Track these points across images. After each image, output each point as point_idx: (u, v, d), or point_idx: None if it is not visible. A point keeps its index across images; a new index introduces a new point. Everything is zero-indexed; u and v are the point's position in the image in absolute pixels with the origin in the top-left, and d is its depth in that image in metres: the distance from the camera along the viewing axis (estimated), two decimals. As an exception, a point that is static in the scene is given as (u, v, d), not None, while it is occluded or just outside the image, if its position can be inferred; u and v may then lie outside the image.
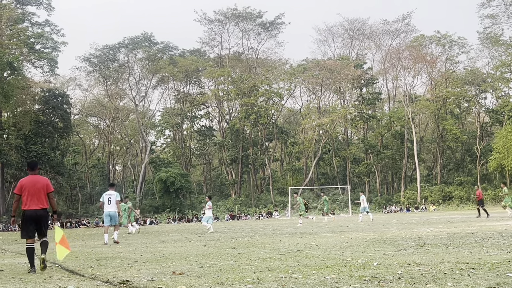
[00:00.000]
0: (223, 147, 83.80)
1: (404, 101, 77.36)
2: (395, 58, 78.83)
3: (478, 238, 14.42)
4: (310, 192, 75.86)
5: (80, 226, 56.46)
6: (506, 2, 70.01)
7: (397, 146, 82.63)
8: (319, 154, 79.42)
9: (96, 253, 14.93)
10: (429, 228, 21.38)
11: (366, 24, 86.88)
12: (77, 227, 55.75)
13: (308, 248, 13.27)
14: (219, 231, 26.73)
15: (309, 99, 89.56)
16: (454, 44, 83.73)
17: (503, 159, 67.53)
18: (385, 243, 13.96)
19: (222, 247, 14.91)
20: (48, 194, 10.87)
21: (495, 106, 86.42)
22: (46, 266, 10.16)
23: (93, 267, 10.69)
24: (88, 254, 14.46)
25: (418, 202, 71.12)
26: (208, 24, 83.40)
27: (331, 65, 78.59)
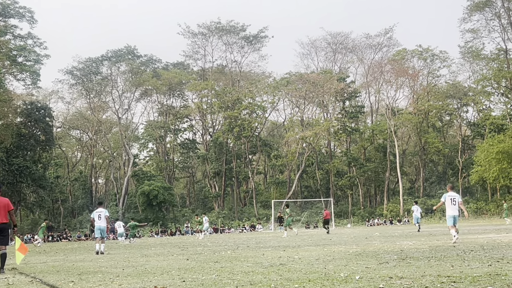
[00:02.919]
0: (206, 160, 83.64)
1: (387, 114, 77.84)
2: (377, 72, 79.37)
3: (460, 251, 14.50)
4: (293, 205, 75.86)
5: (61, 239, 55.98)
6: (487, 17, 70.90)
7: (379, 159, 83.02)
8: (302, 167, 79.52)
9: (77, 267, 14.81)
10: (412, 241, 21.47)
11: (348, 38, 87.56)
12: (58, 240, 55.28)
13: (291, 262, 13.27)
14: (202, 245, 26.64)
15: (293, 112, 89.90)
16: (436, 58, 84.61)
17: (485, 172, 68.01)
18: (367, 256, 13.99)
19: (205, 261, 14.86)
20: (9, 211, 13.32)
21: (476, 119, 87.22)
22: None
23: (74, 282, 10.61)
24: (69, 269, 14.35)
25: (400, 215, 71.36)
26: (192, 37, 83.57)
27: (314, 78, 78.92)
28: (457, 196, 19.33)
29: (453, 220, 18.96)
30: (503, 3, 68.28)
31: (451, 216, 18.98)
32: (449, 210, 19.05)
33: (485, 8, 69.81)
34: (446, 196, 19.20)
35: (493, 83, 77.09)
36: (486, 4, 69.34)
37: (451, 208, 18.96)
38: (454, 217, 18.97)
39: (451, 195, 19.11)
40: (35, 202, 70.80)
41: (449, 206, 18.98)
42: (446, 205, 19.22)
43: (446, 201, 19.15)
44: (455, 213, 19.01)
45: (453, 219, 18.95)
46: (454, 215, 18.95)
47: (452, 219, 18.96)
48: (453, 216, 18.96)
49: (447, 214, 19.25)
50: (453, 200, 18.97)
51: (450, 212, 19.01)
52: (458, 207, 19.06)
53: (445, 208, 19.47)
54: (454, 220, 18.99)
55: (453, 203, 18.95)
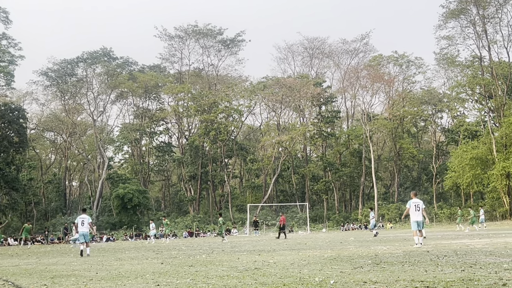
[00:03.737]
0: (182, 164, 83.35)
1: (362, 119, 78.29)
2: (353, 77, 79.84)
3: (434, 256, 14.59)
4: (269, 209, 75.91)
5: (34, 243, 55.27)
6: (462, 24, 71.56)
7: (355, 164, 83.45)
8: (278, 171, 79.60)
9: (50, 270, 14.62)
10: (386, 246, 21.56)
11: (325, 43, 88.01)
12: (32, 243, 54.54)
13: (266, 266, 13.23)
14: (177, 249, 26.49)
15: (269, 116, 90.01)
16: (411, 64, 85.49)
17: (458, 178, 68.73)
18: (342, 261, 14.01)
19: (179, 265, 14.76)
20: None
21: (450, 125, 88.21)
22: None
23: (47, 285, 10.47)
24: (42, 272, 14.16)
25: (375, 219, 71.71)
26: (169, 40, 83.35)
27: (290, 83, 79.12)
28: (421, 202, 20.03)
29: (417, 225, 19.78)
30: (478, 10, 69.01)
31: (415, 221, 19.78)
32: (413, 216, 19.81)
33: (460, 15, 70.47)
34: (411, 203, 19.93)
35: (468, 90, 77.90)
36: (462, 12, 70.01)
37: (415, 214, 19.73)
38: (417, 222, 19.76)
39: (415, 202, 19.85)
40: (8, 204, 69.86)
41: (413, 212, 19.77)
42: (410, 211, 19.97)
43: (410, 208, 19.91)
44: (419, 219, 19.78)
45: (416, 224, 19.77)
46: (417, 221, 19.74)
47: (416, 224, 19.79)
48: (416, 222, 19.76)
49: (412, 220, 19.99)
50: (417, 206, 19.73)
51: (414, 218, 19.78)
52: (422, 213, 19.79)
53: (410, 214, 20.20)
54: (418, 225, 19.81)
55: (417, 209, 19.72)
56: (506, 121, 66.07)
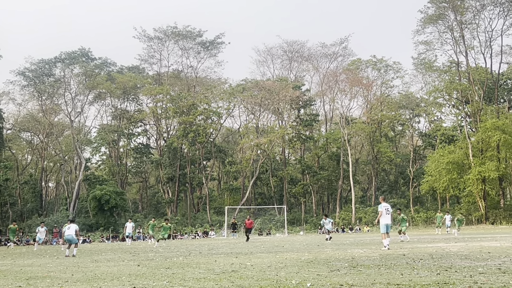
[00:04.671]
0: (160, 165, 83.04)
1: (341, 123, 78.62)
2: (332, 81, 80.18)
3: (410, 259, 14.69)
4: (247, 211, 75.88)
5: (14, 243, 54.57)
6: (439, 30, 72.19)
7: (333, 167, 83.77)
8: (256, 173, 79.60)
9: (25, 272, 14.47)
10: (363, 249, 21.67)
11: (304, 46, 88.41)
12: (5, 244, 53.88)
13: (243, 269, 13.23)
14: (154, 251, 26.38)
15: (248, 119, 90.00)
16: (390, 68, 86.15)
17: (435, 182, 69.28)
18: (319, 264, 14.05)
19: (156, 267, 14.70)
20: None
21: (428, 130, 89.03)
22: None
23: (22, 287, 10.37)
24: (17, 273, 14.01)
25: (352, 223, 72.06)
26: (148, 41, 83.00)
27: (270, 85, 79.24)
28: (389, 206, 20.88)
29: (386, 228, 20.48)
30: (455, 16, 69.73)
31: (385, 224, 20.49)
32: (383, 219, 20.52)
33: (438, 21, 71.12)
34: (382, 207, 20.67)
35: (445, 95, 78.57)
36: (439, 17, 70.67)
37: (385, 218, 20.47)
38: (387, 226, 20.48)
39: (386, 206, 20.67)
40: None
41: (384, 216, 20.49)
42: (382, 215, 20.63)
43: (382, 212, 20.61)
44: (388, 222, 20.55)
45: (386, 227, 20.46)
46: (387, 224, 20.47)
47: (385, 227, 20.48)
48: (386, 225, 20.47)
49: (381, 223, 20.66)
50: (387, 210, 20.55)
51: (384, 221, 20.52)
52: (391, 216, 20.72)
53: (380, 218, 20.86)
54: (387, 228, 20.51)
55: (387, 213, 20.52)
56: (482, 126, 66.80)
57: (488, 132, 64.88)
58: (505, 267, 11.69)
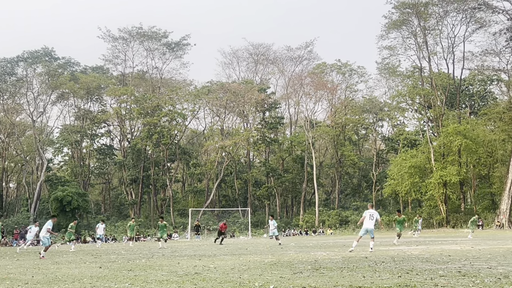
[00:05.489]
0: (123, 167, 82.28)
1: (305, 126, 78.99)
2: (297, 84, 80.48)
3: (372, 262, 14.83)
4: (211, 214, 75.70)
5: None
6: (403, 35, 73.11)
7: (297, 170, 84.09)
8: (221, 176, 79.44)
9: (-17, 274, 14.18)
10: (325, 251, 21.81)
11: (270, 49, 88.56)
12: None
13: (206, 271, 13.19)
14: (116, 253, 26.13)
15: (213, 121, 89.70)
16: (354, 73, 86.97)
17: (397, 185, 70.07)
18: (282, 266, 14.08)
19: (118, 269, 14.55)
20: None
21: (390, 134, 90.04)
22: None
23: (-21, 290, 10.16)
24: (-26, 276, 13.72)
25: (316, 225, 72.40)
26: (112, 41, 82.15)
27: (235, 88, 79.22)
28: (376, 213, 21.16)
29: (365, 232, 20.85)
30: (419, 22, 70.68)
31: (365, 228, 20.82)
32: (366, 223, 20.91)
33: (402, 26, 71.99)
34: (367, 213, 21.09)
35: (408, 100, 79.56)
36: (403, 23, 71.54)
37: (367, 223, 20.83)
38: (366, 230, 20.80)
39: (371, 212, 21.02)
40: None
41: (367, 220, 20.88)
42: (365, 219, 21.02)
43: (366, 216, 21.01)
44: (368, 227, 20.77)
45: (365, 231, 20.83)
46: (367, 228, 20.77)
47: (364, 231, 20.84)
48: (366, 229, 20.79)
49: (363, 227, 21.02)
50: (371, 216, 20.86)
51: (365, 225, 20.84)
52: (374, 222, 20.91)
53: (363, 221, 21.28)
54: (366, 232, 20.86)
55: (371, 219, 20.83)
56: (444, 131, 67.85)
57: (449, 137, 65.87)
58: (465, 270, 11.87)
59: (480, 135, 68.94)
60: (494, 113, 74.25)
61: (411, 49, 74.01)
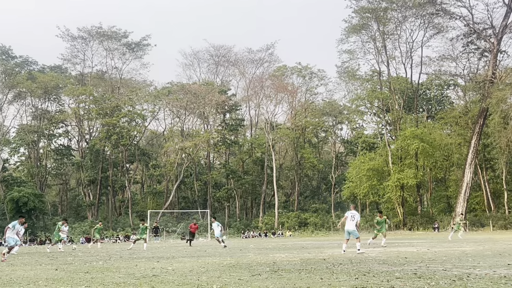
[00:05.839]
0: (81, 168, 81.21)
1: (266, 128, 79.18)
2: (258, 86, 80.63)
3: (330, 264, 14.92)
4: (170, 216, 75.28)
5: None
6: (363, 39, 73.93)
7: (257, 172, 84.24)
8: (180, 177, 79.09)
9: None
10: (284, 253, 21.86)
11: (231, 51, 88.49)
12: None
13: (164, 273, 13.10)
14: (73, 255, 25.76)
15: (173, 122, 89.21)
16: (314, 76, 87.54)
17: (356, 188, 70.76)
18: (241, 268, 14.07)
19: (75, 271, 14.35)
20: None
21: (350, 137, 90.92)
22: None
23: None
24: None
25: (275, 227, 72.59)
26: (71, 40, 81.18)
27: (195, 89, 78.96)
28: (357, 214, 21.12)
29: (348, 234, 20.93)
30: (378, 27, 71.56)
31: (347, 230, 20.91)
32: (347, 225, 20.98)
33: (361, 31, 72.78)
34: (348, 213, 21.13)
35: (367, 103, 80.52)
36: (363, 27, 72.33)
37: (349, 224, 20.84)
38: (348, 231, 20.84)
39: (352, 213, 21.03)
40: None
41: (348, 222, 20.88)
42: (346, 220, 21.03)
43: (347, 218, 21.03)
44: (349, 228, 20.78)
45: (348, 233, 20.90)
46: (348, 230, 20.82)
47: (347, 233, 20.92)
48: (347, 231, 20.87)
49: (345, 228, 21.16)
50: (352, 217, 20.85)
51: (346, 227, 20.94)
52: (355, 223, 20.83)
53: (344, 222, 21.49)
54: (348, 233, 20.91)
55: (352, 220, 20.82)
56: (401, 135, 68.80)
57: (407, 140, 66.79)
58: (421, 272, 12.04)
59: (436, 139, 70.09)
60: (450, 117, 75.62)
61: (370, 53, 74.95)
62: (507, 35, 65.56)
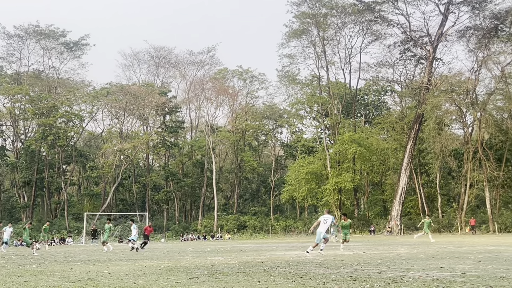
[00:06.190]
0: (16, 168, 79.03)
1: (206, 131, 78.99)
2: (199, 89, 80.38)
3: (267, 267, 15.02)
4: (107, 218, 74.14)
5: None
6: (303, 44, 74.73)
7: (197, 174, 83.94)
8: (118, 179, 78.08)
9: None
10: (223, 256, 21.89)
11: (172, 53, 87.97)
12: None
13: (100, 276, 12.93)
14: (6, 258, 25.08)
15: (112, 123, 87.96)
16: (255, 79, 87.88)
17: (294, 191, 71.38)
18: (178, 271, 14.02)
19: (7, 275, 13.99)
20: None
21: (289, 140, 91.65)
22: None
23: None
24: None
25: (214, 230, 72.47)
26: (7, 38, 78.96)
27: (135, 90, 78.13)
28: (330, 218, 21.77)
29: (318, 237, 21.51)
30: (318, 32, 72.52)
31: (318, 233, 21.57)
32: (319, 228, 21.68)
33: (302, 35, 73.56)
34: (321, 218, 21.96)
35: (306, 107, 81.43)
36: (303, 32, 73.14)
37: (321, 227, 21.59)
38: (319, 234, 21.44)
39: (325, 217, 21.80)
40: None
41: (321, 225, 21.68)
42: (320, 224, 21.77)
43: (320, 221, 21.81)
44: (321, 230, 21.46)
45: (319, 236, 21.47)
46: (320, 232, 21.44)
47: (319, 237, 21.49)
48: (319, 233, 21.48)
49: (317, 231, 21.81)
50: (325, 220, 21.59)
51: (319, 230, 21.65)
52: (328, 227, 21.76)
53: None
54: (319, 237, 21.47)
55: (324, 223, 21.59)
56: (340, 139, 69.84)
57: (345, 144, 67.85)
58: (356, 274, 12.27)
59: (374, 144, 71.46)
60: (387, 123, 77.19)
61: (310, 58, 75.84)
62: (443, 43, 67.56)
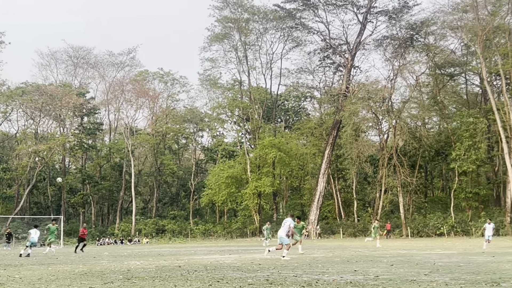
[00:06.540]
0: None
1: (125, 133, 77.88)
2: (118, 90, 79.15)
3: (184, 271, 14.94)
4: (20, 222, 71.80)
5: None
6: (225, 48, 74.96)
7: (115, 177, 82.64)
8: (33, 182, 75.75)
9: None
10: (140, 261, 21.61)
11: (91, 53, 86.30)
12: None
13: (11, 281, 12.51)
14: None
15: (26, 124, 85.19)
16: (176, 82, 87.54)
17: (214, 195, 71.36)
18: (93, 276, 13.74)
19: None
20: None
21: (210, 144, 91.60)
22: None
23: None
24: None
25: (132, 234, 71.48)
26: None
27: (52, 91, 76.08)
28: (288, 221, 21.83)
29: (280, 240, 21.48)
30: (240, 37, 72.94)
31: (279, 236, 21.57)
32: (279, 231, 21.81)
33: (224, 40, 73.79)
34: (283, 221, 22.21)
35: (227, 112, 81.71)
36: (225, 36, 73.36)
37: (280, 230, 21.74)
38: (280, 237, 21.43)
39: (285, 220, 22.10)
40: None
41: (281, 228, 21.83)
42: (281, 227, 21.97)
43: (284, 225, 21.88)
44: (280, 234, 21.46)
45: (279, 239, 21.49)
46: (280, 236, 21.44)
47: (279, 239, 21.51)
48: (279, 236, 21.53)
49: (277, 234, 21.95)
50: (284, 223, 21.84)
51: (279, 233, 21.68)
52: (287, 229, 21.55)
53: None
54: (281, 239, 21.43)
55: (283, 226, 21.79)
56: (260, 144, 70.39)
57: (265, 149, 68.42)
58: (272, 278, 12.37)
59: (293, 149, 72.43)
60: (306, 128, 78.42)
61: (232, 62, 76.17)
62: (361, 51, 69.37)
